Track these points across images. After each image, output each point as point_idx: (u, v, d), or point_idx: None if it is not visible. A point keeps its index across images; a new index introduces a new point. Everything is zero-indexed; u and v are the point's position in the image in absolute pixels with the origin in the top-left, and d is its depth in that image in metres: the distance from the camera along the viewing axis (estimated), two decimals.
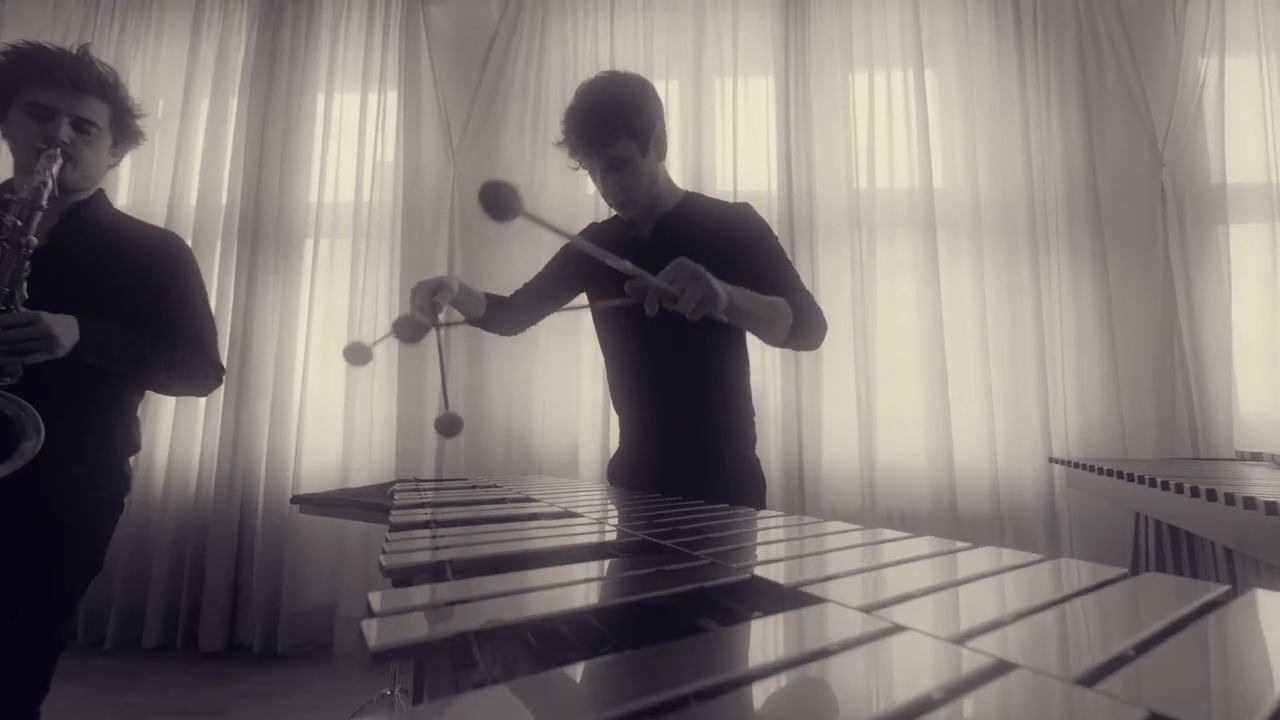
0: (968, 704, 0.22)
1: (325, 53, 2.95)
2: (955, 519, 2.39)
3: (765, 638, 0.30)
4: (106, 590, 2.54)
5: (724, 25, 2.79)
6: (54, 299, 1.08)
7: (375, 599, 0.36)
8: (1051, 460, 2.15)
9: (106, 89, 1.19)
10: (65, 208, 1.20)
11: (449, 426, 1.05)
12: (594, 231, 1.41)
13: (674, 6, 2.81)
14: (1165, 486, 1.31)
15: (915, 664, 0.26)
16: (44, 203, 1.08)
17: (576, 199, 2.71)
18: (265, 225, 2.82)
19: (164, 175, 2.93)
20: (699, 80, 2.77)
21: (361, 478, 2.62)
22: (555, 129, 1.25)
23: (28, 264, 1.06)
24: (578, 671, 0.26)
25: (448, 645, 0.30)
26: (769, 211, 2.67)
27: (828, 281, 2.60)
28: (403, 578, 0.49)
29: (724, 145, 2.72)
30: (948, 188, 2.65)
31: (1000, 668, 0.24)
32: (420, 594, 0.38)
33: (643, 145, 1.20)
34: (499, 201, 0.82)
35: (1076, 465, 1.89)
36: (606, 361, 1.38)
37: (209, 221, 2.86)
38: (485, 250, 2.76)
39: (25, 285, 1.06)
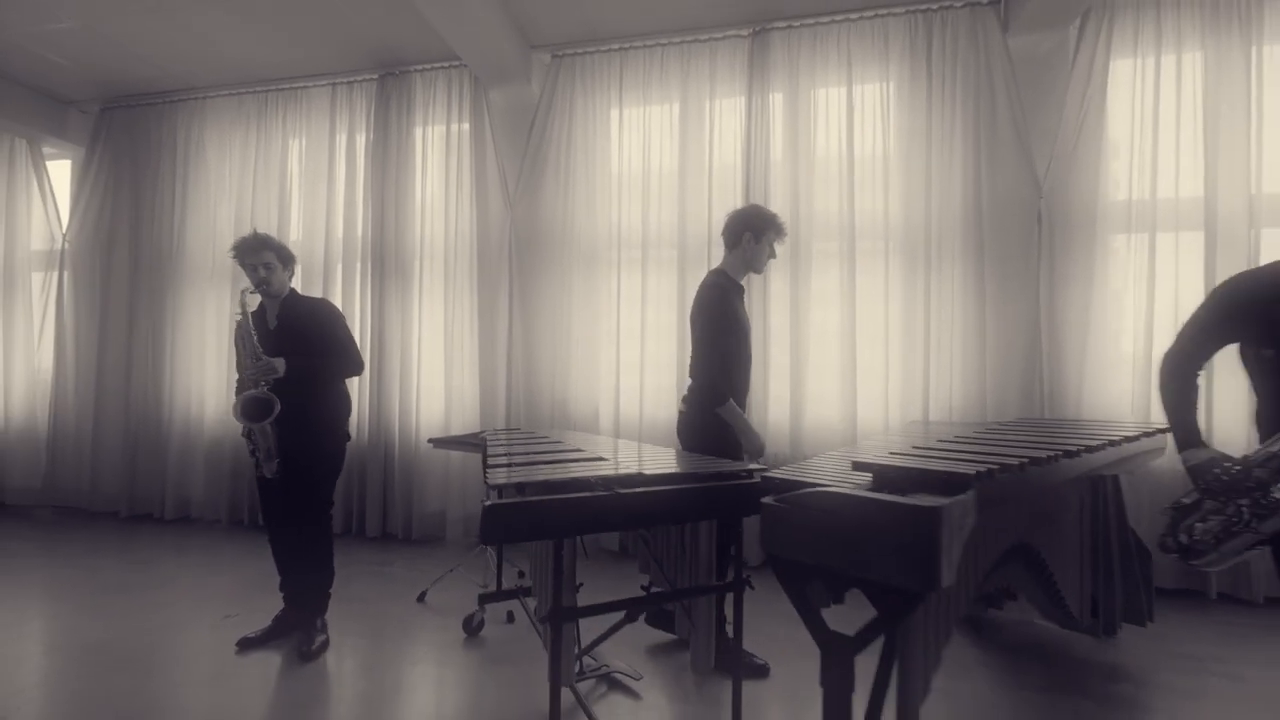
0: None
1: (420, 128, 4.13)
2: None
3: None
4: None
5: (702, 65, 3.70)
6: (284, 348, 2.37)
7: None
8: (913, 422, 3.10)
9: (268, 244, 2.42)
10: (280, 303, 2.48)
11: None
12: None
13: (665, 77, 3.74)
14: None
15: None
16: (275, 321, 2.40)
17: (595, 234, 3.79)
18: (388, 254, 4.10)
19: (319, 220, 4.27)
20: (685, 101, 3.71)
21: (457, 427, 3.92)
22: (584, 179, 3.32)
23: (255, 336, 2.34)
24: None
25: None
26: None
27: (774, 283, 3.56)
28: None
29: (702, 166, 3.69)
30: (868, 208, 3.50)
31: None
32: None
33: None
34: None
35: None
36: None
37: (352, 252, 4.19)
38: (533, 277, 3.91)
39: (261, 348, 2.33)
